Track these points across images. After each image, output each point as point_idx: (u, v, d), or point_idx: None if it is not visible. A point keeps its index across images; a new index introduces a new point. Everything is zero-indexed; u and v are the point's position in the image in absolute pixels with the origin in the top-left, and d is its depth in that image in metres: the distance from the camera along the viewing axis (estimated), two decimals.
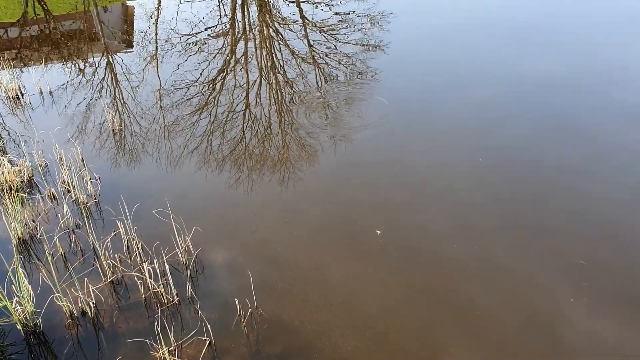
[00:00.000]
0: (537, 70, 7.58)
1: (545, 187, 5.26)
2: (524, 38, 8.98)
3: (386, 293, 4.20)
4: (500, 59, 8.17)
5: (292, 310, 4.12)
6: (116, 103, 7.87)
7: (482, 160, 5.68)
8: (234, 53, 9.57)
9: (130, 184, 5.79)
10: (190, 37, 10.29)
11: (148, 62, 9.36)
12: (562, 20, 9.66)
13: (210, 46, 9.79)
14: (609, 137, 5.93)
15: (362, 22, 10.20)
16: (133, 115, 7.36)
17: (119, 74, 8.97)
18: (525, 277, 4.23)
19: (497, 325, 3.88)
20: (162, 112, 7.36)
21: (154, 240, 4.81)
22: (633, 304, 3.96)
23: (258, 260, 4.60)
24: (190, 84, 8.17)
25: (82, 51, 10.21)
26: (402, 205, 5.15)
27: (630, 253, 4.40)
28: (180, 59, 9.23)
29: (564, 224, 4.75)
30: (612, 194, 5.06)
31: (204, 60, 9.08)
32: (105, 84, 8.63)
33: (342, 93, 7.42)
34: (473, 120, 6.49)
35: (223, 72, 8.65)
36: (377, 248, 4.63)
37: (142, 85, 8.34)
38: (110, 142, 6.70)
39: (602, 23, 9.38)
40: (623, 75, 7.36)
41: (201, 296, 4.30)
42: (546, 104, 6.73)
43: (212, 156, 6.20)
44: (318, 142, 6.26)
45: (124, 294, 4.42)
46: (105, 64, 9.55)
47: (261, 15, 11.46)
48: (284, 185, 5.57)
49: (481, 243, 4.59)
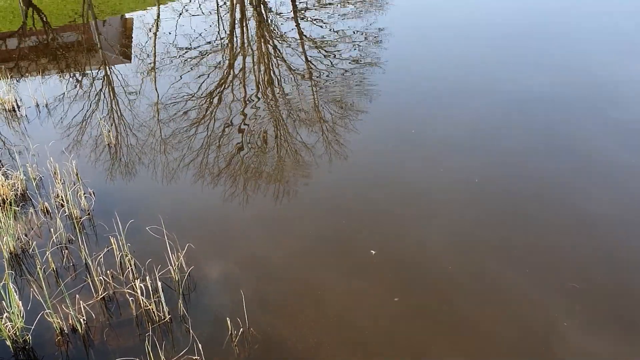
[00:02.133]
0: (528, 87, 7.62)
1: (541, 205, 5.25)
2: (516, 54, 9.02)
3: (380, 312, 4.18)
4: (490, 75, 8.20)
5: (284, 329, 4.09)
6: (113, 116, 7.87)
7: (478, 181, 5.68)
8: (232, 68, 9.60)
9: (125, 199, 5.77)
10: (188, 51, 10.33)
11: (146, 75, 9.39)
12: (553, 38, 9.72)
13: (209, 60, 9.82)
14: (603, 155, 5.94)
15: (359, 39, 10.25)
16: (129, 129, 7.36)
17: (117, 86, 8.99)
18: (520, 297, 4.21)
19: (491, 345, 3.85)
20: (159, 126, 7.36)
21: (147, 256, 4.78)
22: (624, 323, 3.95)
23: (251, 278, 4.58)
24: (188, 97, 8.19)
25: (79, 63, 10.23)
26: (397, 223, 5.14)
27: (622, 272, 4.38)
28: (178, 72, 9.25)
29: (557, 242, 4.74)
30: (605, 212, 5.06)
31: (202, 74, 9.11)
32: (103, 96, 8.64)
33: (337, 112, 7.44)
34: (466, 137, 6.50)
35: (221, 86, 8.67)
36: (372, 267, 4.61)
37: (140, 98, 8.36)
38: (106, 156, 6.69)
39: (593, 41, 9.45)
40: (616, 91, 7.39)
41: (193, 314, 4.27)
42: (539, 121, 6.75)
43: (207, 171, 6.19)
44: (313, 158, 6.26)
45: (115, 310, 4.38)
46: (103, 76, 9.57)
47: (259, 31, 11.52)
48: (278, 202, 5.55)
49: (476, 262, 4.58)
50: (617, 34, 9.77)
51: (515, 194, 5.48)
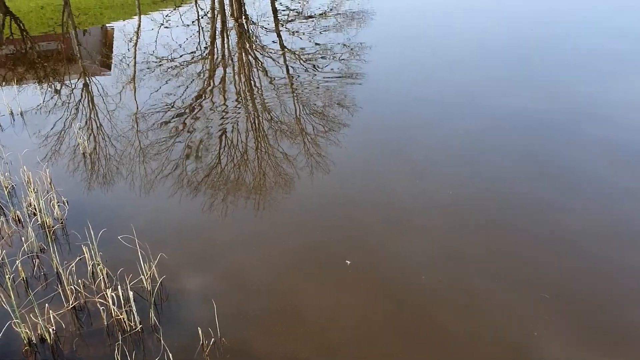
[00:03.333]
0: (511, 106, 7.71)
1: (520, 220, 5.29)
2: (498, 72, 9.14)
3: (356, 323, 4.17)
4: (474, 94, 8.30)
5: (257, 339, 4.06)
6: (91, 125, 7.83)
7: (452, 193, 5.72)
8: (212, 78, 9.61)
9: (100, 209, 5.71)
10: (169, 62, 10.32)
11: (126, 85, 9.35)
12: (534, 57, 9.87)
13: (189, 71, 9.82)
14: (583, 172, 5.99)
15: (341, 52, 10.33)
16: (108, 138, 7.32)
17: (96, 96, 8.94)
18: (501, 309, 4.23)
19: (465, 354, 3.86)
20: (137, 136, 7.32)
21: (120, 266, 4.73)
22: (603, 335, 3.99)
23: (224, 288, 4.55)
24: (168, 108, 8.17)
25: (58, 73, 10.17)
26: (377, 236, 5.14)
27: (601, 286, 4.43)
28: (158, 82, 9.24)
29: (537, 257, 4.78)
30: (585, 228, 5.10)
31: (182, 84, 9.10)
32: (81, 106, 8.58)
33: (318, 124, 7.47)
34: (448, 152, 6.55)
35: (201, 97, 8.66)
36: (347, 278, 4.61)
37: (119, 108, 8.32)
38: (82, 166, 6.64)
39: (574, 60, 9.62)
40: (597, 111, 7.48)
41: (164, 324, 4.23)
42: (520, 139, 6.82)
43: (184, 182, 6.17)
44: (294, 169, 6.27)
45: (86, 320, 4.32)
46: (82, 86, 9.52)
47: (240, 43, 11.56)
48: (254, 213, 5.54)
49: (452, 274, 4.60)
50: (599, 53, 9.95)
51: (492, 208, 5.51)
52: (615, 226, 5.11)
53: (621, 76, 8.69)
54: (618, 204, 5.42)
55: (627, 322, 4.07)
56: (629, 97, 7.80)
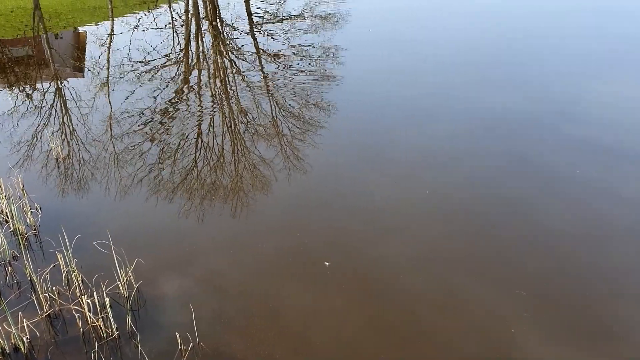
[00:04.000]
0: (490, 106, 7.80)
1: (498, 219, 5.35)
2: (476, 74, 9.24)
3: (335, 326, 4.17)
4: (451, 96, 8.37)
5: (236, 343, 4.04)
6: (64, 130, 7.71)
7: (429, 192, 5.77)
8: (187, 82, 9.54)
9: (75, 214, 5.63)
10: (143, 65, 10.22)
11: (99, 89, 9.24)
12: (513, 58, 10.00)
13: (164, 75, 9.74)
14: (561, 171, 6.07)
15: (317, 54, 10.34)
16: (82, 143, 7.22)
17: (69, 100, 8.81)
18: (479, 307, 4.27)
19: (447, 352, 3.89)
20: (112, 140, 7.24)
21: (96, 272, 4.67)
22: (580, 333, 4.05)
23: (202, 293, 4.51)
24: (142, 111, 8.09)
25: (30, 77, 10.00)
26: (356, 238, 5.15)
27: (577, 284, 4.50)
28: (132, 86, 9.14)
29: (515, 256, 4.83)
30: (562, 227, 5.17)
31: (157, 88, 9.02)
32: (54, 111, 8.45)
33: (295, 126, 7.47)
34: (425, 153, 6.60)
35: (176, 100, 8.60)
36: (327, 279, 4.61)
37: (93, 112, 8.21)
38: (56, 171, 6.53)
39: (556, 62, 9.77)
40: (575, 110, 7.60)
41: (142, 330, 4.18)
42: (498, 140, 6.90)
43: (161, 185, 6.11)
44: (272, 172, 6.25)
45: (62, 328, 4.25)
46: (55, 91, 9.37)
47: (215, 45, 11.50)
48: (232, 217, 5.52)
49: (432, 273, 4.63)
50: (581, 54, 10.12)
51: (470, 208, 5.56)
52: (593, 225, 5.19)
53: (599, 77, 8.85)
54: (596, 203, 5.50)
55: (602, 319, 4.15)
56: (607, 98, 7.94)
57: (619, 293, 4.37)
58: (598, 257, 4.77)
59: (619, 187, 5.71)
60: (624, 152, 6.38)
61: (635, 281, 4.49)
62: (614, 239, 4.99)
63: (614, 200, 5.50)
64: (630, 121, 7.20)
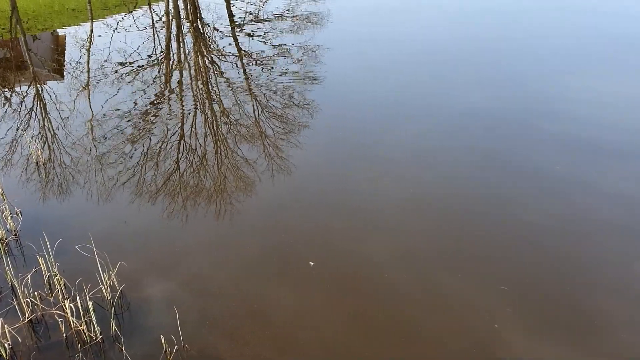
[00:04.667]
0: (468, 105, 7.87)
1: (477, 215, 5.40)
2: (455, 72, 9.32)
3: (321, 325, 4.18)
4: (431, 95, 8.43)
5: (221, 345, 4.03)
6: (45, 134, 7.62)
7: (413, 191, 5.80)
8: (168, 83, 9.49)
9: (56, 218, 5.57)
10: (123, 67, 10.14)
11: (79, 91, 9.15)
12: (490, 57, 10.10)
13: (145, 76, 9.67)
14: (540, 168, 6.15)
15: (299, 54, 10.34)
16: (62, 147, 7.14)
17: (49, 103, 8.72)
18: (463, 304, 4.31)
19: (432, 348, 3.92)
20: (93, 143, 7.17)
21: (78, 276, 4.62)
22: (562, 325, 4.10)
23: (186, 295, 4.49)
24: (124, 114, 8.02)
25: (8, 80, 9.86)
26: (339, 237, 5.16)
27: (558, 279, 4.56)
28: (113, 88, 9.06)
29: (496, 252, 4.88)
30: (540, 220, 5.24)
31: (138, 90, 8.96)
32: (34, 114, 8.35)
33: (278, 127, 7.47)
34: (407, 151, 6.64)
35: (157, 102, 8.54)
36: (312, 279, 4.61)
37: (73, 115, 8.13)
38: (36, 175, 6.46)
39: (529, 58, 9.88)
40: (552, 108, 7.69)
41: (126, 333, 4.15)
42: (479, 137, 6.97)
43: (144, 188, 6.07)
44: (255, 173, 6.24)
45: (44, 333, 4.21)
46: (34, 94, 9.26)
47: (197, 46, 11.45)
48: (215, 218, 5.50)
49: (415, 271, 4.66)
50: (553, 52, 10.24)
51: (452, 205, 5.61)
52: (572, 220, 5.27)
53: (573, 73, 8.97)
54: (574, 198, 5.59)
55: (582, 313, 4.21)
56: (582, 94, 8.05)
57: (599, 286, 4.44)
58: (578, 250, 4.83)
59: (599, 182, 5.80)
60: (601, 147, 6.47)
61: (615, 274, 4.57)
62: (594, 233, 5.07)
63: (594, 195, 5.59)
64: (606, 117, 7.32)
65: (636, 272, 4.58)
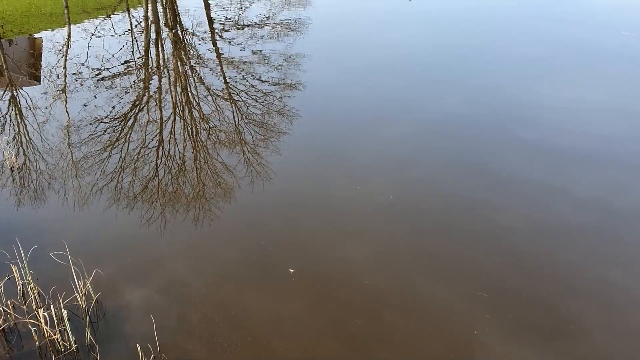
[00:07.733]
0: (444, 111, 7.94)
1: (457, 221, 5.44)
2: (432, 79, 9.40)
3: (300, 332, 4.17)
4: (409, 101, 8.49)
5: (198, 352, 3.99)
6: (20, 139, 7.50)
7: (392, 197, 5.83)
8: (147, 89, 9.41)
9: (30, 225, 5.48)
10: (101, 72, 10.04)
11: (56, 96, 9.03)
12: (464, 62, 10.20)
13: (123, 82, 9.58)
14: (513, 172, 6.23)
15: (279, 60, 10.34)
16: (38, 152, 7.03)
17: (24, 108, 8.58)
18: (442, 308, 4.33)
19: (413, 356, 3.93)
20: (70, 149, 7.08)
21: (52, 284, 4.55)
22: (536, 329, 4.15)
23: (163, 302, 4.45)
24: (101, 119, 7.93)
25: None
26: (320, 243, 5.17)
27: (532, 280, 4.61)
28: (90, 94, 8.96)
29: (474, 256, 4.92)
30: (516, 226, 5.31)
31: (116, 95, 8.87)
32: (8, 120, 8.22)
33: (258, 133, 7.46)
34: (385, 157, 6.67)
35: (135, 108, 8.47)
36: (291, 286, 4.60)
37: (50, 120, 8.01)
38: (10, 181, 6.35)
39: (503, 65, 10.00)
40: (525, 114, 7.81)
41: (101, 342, 4.10)
42: (454, 142, 7.03)
43: (121, 194, 6.01)
44: (234, 179, 6.22)
45: (17, 342, 4.13)
46: (9, 99, 9.11)
47: (176, 52, 11.39)
48: (194, 224, 5.46)
49: (394, 275, 4.68)
50: (526, 59, 10.38)
51: (430, 210, 5.66)
52: (545, 223, 5.35)
53: (543, 79, 9.11)
54: (546, 202, 5.67)
55: (558, 315, 4.26)
56: (552, 101, 8.18)
57: (574, 290, 4.50)
58: (553, 255, 4.90)
59: (572, 187, 5.90)
60: (569, 152, 6.59)
61: (588, 277, 4.64)
62: (568, 236, 5.15)
63: (567, 200, 5.68)
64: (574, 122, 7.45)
65: (609, 276, 4.66)
